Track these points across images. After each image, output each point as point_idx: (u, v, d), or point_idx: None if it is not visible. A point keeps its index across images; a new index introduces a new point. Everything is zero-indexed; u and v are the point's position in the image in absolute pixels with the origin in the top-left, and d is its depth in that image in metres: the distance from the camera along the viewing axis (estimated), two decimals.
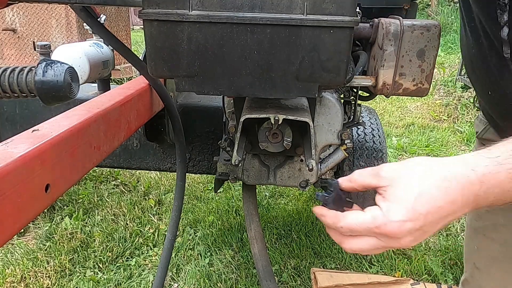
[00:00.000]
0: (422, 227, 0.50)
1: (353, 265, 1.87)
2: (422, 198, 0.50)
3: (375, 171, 0.55)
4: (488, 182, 0.48)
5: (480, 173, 0.49)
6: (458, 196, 0.49)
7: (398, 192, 0.51)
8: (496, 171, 0.48)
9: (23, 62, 4.10)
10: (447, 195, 0.49)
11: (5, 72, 0.66)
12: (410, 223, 0.49)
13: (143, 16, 0.70)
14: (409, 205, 0.50)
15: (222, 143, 1.07)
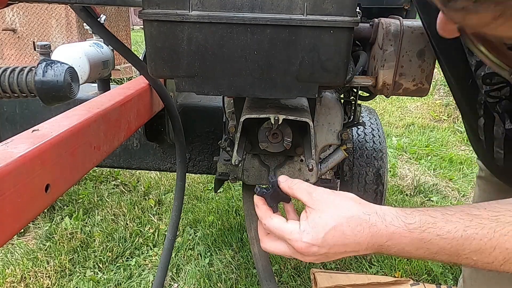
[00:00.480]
0: (325, 253, 0.59)
1: (353, 265, 1.87)
2: (334, 231, 0.57)
3: (310, 190, 0.63)
4: (394, 240, 0.56)
5: (390, 231, 0.56)
6: (365, 241, 0.57)
7: (317, 219, 0.58)
8: (403, 236, 0.55)
9: (23, 62, 4.10)
10: (356, 237, 0.57)
11: (5, 72, 0.66)
12: (316, 248, 0.58)
13: (143, 16, 0.70)
14: (321, 233, 0.57)
15: (222, 143, 1.07)
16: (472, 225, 0.53)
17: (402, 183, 2.65)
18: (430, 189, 2.60)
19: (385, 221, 0.56)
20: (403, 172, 2.79)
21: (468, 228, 0.53)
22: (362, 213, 0.58)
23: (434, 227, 0.54)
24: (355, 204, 0.60)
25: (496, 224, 0.52)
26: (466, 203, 2.46)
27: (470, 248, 0.53)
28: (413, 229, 0.55)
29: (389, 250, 0.57)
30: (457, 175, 2.79)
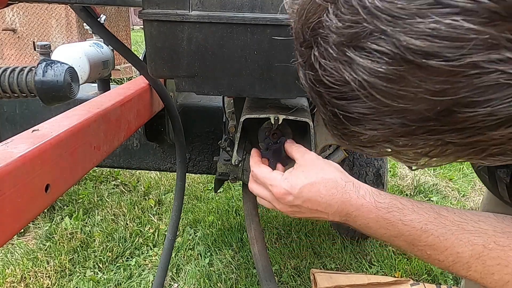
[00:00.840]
0: (298, 206, 0.64)
1: (353, 265, 1.87)
2: (311, 186, 0.62)
3: (304, 152, 0.71)
4: (361, 213, 0.60)
5: (360, 203, 0.60)
6: (335, 205, 0.61)
7: (300, 173, 0.65)
8: (370, 211, 0.59)
9: (23, 62, 4.10)
10: (329, 198, 0.61)
11: (5, 72, 0.66)
12: (291, 197, 0.63)
13: (143, 16, 0.70)
14: (299, 184, 0.63)
15: (222, 143, 1.06)
16: (434, 222, 0.56)
17: (402, 183, 2.65)
18: (430, 189, 2.60)
19: (358, 193, 0.61)
20: (403, 172, 2.79)
21: (429, 223, 0.56)
22: (340, 178, 0.63)
23: (400, 213, 0.57)
24: (337, 171, 0.65)
25: (456, 229, 0.54)
26: (466, 203, 2.46)
27: (426, 242, 0.56)
28: (381, 208, 0.58)
29: (355, 222, 0.61)
30: (457, 175, 2.79)
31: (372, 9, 0.28)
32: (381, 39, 0.29)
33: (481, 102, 0.28)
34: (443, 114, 0.30)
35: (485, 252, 0.52)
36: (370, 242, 2.03)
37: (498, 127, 0.29)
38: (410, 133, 0.33)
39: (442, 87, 0.28)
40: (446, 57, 0.27)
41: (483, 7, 0.25)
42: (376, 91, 0.31)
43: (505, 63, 0.26)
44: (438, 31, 0.26)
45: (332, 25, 0.31)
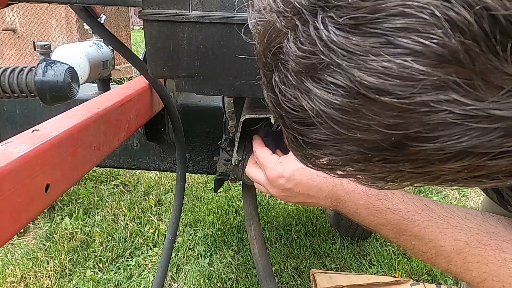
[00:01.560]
0: (290, 190, 0.66)
1: (353, 265, 1.87)
2: (303, 170, 0.64)
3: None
4: (351, 197, 0.61)
5: (351, 188, 0.61)
6: (326, 189, 0.63)
7: (292, 158, 0.66)
8: (361, 197, 0.61)
9: (23, 62, 4.10)
10: (320, 182, 0.63)
11: (5, 72, 0.66)
12: (283, 180, 0.66)
13: (143, 16, 0.70)
14: (292, 168, 0.65)
15: (222, 143, 1.06)
16: (421, 213, 0.57)
17: None
18: (430, 189, 2.60)
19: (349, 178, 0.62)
20: None
21: (417, 214, 0.57)
22: None
23: (389, 201, 0.59)
24: None
25: (442, 223, 0.56)
26: (466, 203, 2.46)
27: (412, 232, 0.57)
28: (371, 194, 0.60)
29: (345, 207, 0.62)
30: None
31: (328, 42, 0.29)
32: (336, 72, 0.29)
33: (430, 138, 0.29)
34: (396, 145, 0.31)
35: (467, 248, 0.53)
36: (370, 242, 2.03)
37: (447, 160, 0.31)
38: (366, 159, 0.34)
39: (394, 121, 0.29)
40: (397, 95, 0.28)
41: (430, 50, 0.26)
42: (332, 121, 0.31)
43: (452, 103, 0.27)
44: (390, 70, 0.27)
45: (291, 53, 0.32)
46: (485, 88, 0.26)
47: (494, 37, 0.24)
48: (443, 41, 0.25)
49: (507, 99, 0.26)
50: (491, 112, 0.27)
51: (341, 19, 0.28)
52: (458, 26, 0.24)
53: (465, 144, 0.29)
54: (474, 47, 0.25)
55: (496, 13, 0.24)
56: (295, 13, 0.31)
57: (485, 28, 0.24)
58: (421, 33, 0.26)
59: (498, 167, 0.31)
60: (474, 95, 0.27)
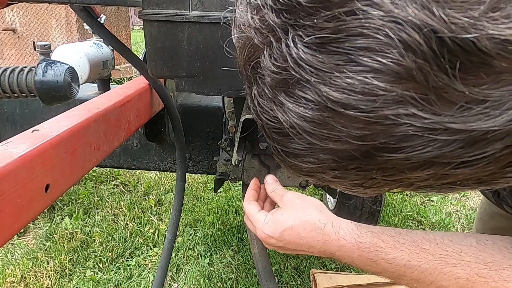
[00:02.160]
0: (282, 247, 0.67)
1: None
2: (290, 230, 0.64)
3: (282, 193, 0.73)
4: (344, 253, 0.61)
5: (341, 244, 0.61)
6: (317, 246, 0.63)
7: (279, 216, 0.67)
8: (352, 251, 0.60)
9: (23, 62, 4.10)
10: (309, 240, 0.63)
11: (5, 72, 0.66)
12: (274, 240, 0.66)
13: (143, 16, 0.70)
14: (279, 229, 0.65)
15: (222, 143, 1.06)
16: (417, 257, 0.57)
17: None
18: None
19: (338, 234, 0.62)
20: None
21: (412, 259, 0.57)
22: (319, 221, 0.64)
23: (381, 251, 0.58)
24: (316, 212, 0.66)
25: (439, 263, 0.55)
26: (466, 203, 2.46)
27: (411, 277, 0.57)
28: (362, 248, 0.60)
29: (341, 259, 0.62)
30: None
31: (297, 59, 0.30)
32: (306, 87, 0.31)
33: (396, 149, 0.31)
34: (366, 155, 0.33)
35: (469, 285, 0.53)
36: None
37: (414, 169, 0.32)
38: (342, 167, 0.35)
39: (362, 133, 0.31)
40: (361, 109, 0.29)
41: (388, 68, 0.27)
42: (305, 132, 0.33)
43: (411, 117, 0.29)
44: (353, 86, 0.29)
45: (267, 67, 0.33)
46: (439, 103, 0.28)
47: (443, 57, 0.26)
48: (398, 60, 0.27)
49: (461, 113, 0.28)
50: (447, 125, 0.28)
51: (308, 37, 0.30)
52: (410, 47, 0.26)
53: (428, 155, 0.30)
54: (426, 66, 0.26)
55: (443, 35, 0.25)
56: (270, 30, 0.32)
57: (434, 48, 0.26)
58: (379, 52, 0.27)
59: (464, 175, 0.32)
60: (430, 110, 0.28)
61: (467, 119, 0.28)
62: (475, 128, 0.28)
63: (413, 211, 2.31)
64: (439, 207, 2.39)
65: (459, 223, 2.25)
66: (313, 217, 0.65)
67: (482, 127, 0.28)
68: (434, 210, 2.35)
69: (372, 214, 1.82)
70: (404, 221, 2.21)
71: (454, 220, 2.28)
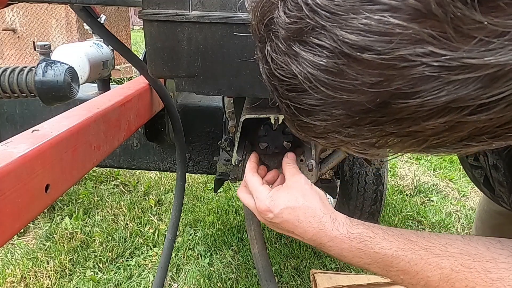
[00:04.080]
0: (276, 224, 0.68)
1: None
2: (291, 210, 0.66)
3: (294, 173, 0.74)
4: (334, 243, 0.63)
5: (334, 235, 0.63)
6: (311, 233, 0.64)
7: (284, 194, 0.68)
8: (343, 242, 0.62)
9: (23, 62, 4.10)
10: (305, 226, 0.65)
11: (5, 72, 0.66)
12: (272, 215, 0.67)
13: (143, 16, 0.70)
14: (281, 205, 0.67)
15: (222, 143, 1.06)
16: (404, 248, 0.58)
17: (402, 183, 2.65)
18: (430, 189, 2.60)
19: (333, 225, 0.64)
20: (403, 172, 2.79)
21: (400, 249, 0.58)
22: (319, 209, 0.66)
23: (371, 241, 0.60)
24: (319, 201, 0.68)
25: (425, 253, 0.56)
26: (466, 203, 2.46)
27: (398, 267, 0.58)
28: (353, 238, 0.61)
29: (329, 251, 0.64)
30: (457, 175, 2.79)
31: (313, 6, 0.31)
32: (321, 34, 0.31)
33: (411, 94, 0.31)
34: (381, 105, 0.32)
35: (453, 274, 0.54)
36: None
37: (430, 117, 0.32)
38: (355, 123, 0.35)
39: (377, 80, 0.31)
40: (377, 51, 0.29)
41: (406, 5, 0.27)
42: (320, 83, 0.33)
43: (428, 56, 0.28)
44: (369, 26, 0.29)
45: (281, 21, 0.34)
46: (457, 38, 0.27)
47: None
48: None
49: (479, 48, 0.27)
50: (465, 61, 0.28)
51: None
52: None
53: (444, 99, 0.30)
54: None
55: None
56: None
57: None
58: None
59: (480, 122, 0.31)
60: (448, 46, 0.28)
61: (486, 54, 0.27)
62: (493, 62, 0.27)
63: (413, 211, 2.31)
64: (439, 207, 2.39)
65: (459, 223, 2.25)
66: (315, 205, 0.66)
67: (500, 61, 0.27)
68: (434, 210, 2.35)
69: (372, 214, 1.82)
70: (404, 221, 2.21)
71: (454, 220, 2.28)
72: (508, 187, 0.64)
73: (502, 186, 0.66)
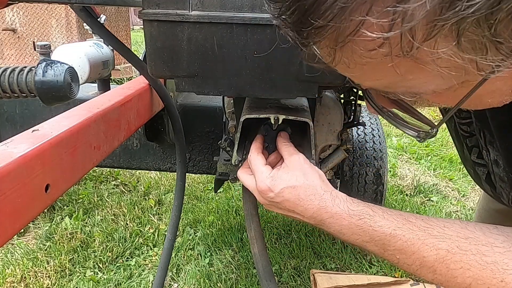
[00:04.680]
0: (277, 204, 0.69)
1: (353, 265, 1.87)
2: (291, 189, 0.67)
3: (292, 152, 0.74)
4: (335, 220, 0.64)
5: (334, 211, 0.64)
6: (311, 210, 0.65)
7: (285, 174, 0.69)
8: (343, 218, 0.63)
9: (23, 62, 4.10)
10: (306, 203, 0.66)
11: (5, 72, 0.66)
12: (272, 194, 0.68)
13: (143, 16, 0.70)
14: (281, 185, 0.67)
15: (222, 143, 1.06)
16: (402, 227, 0.59)
17: (402, 183, 2.65)
18: (430, 189, 2.60)
19: (334, 202, 0.65)
20: (403, 172, 2.79)
21: (398, 229, 0.59)
22: (320, 187, 0.67)
23: (370, 219, 0.61)
24: (319, 179, 0.69)
25: (422, 234, 0.57)
26: (466, 203, 2.46)
27: (395, 246, 0.59)
28: (353, 215, 0.62)
29: (329, 228, 0.65)
30: (457, 175, 2.79)
31: None
32: None
33: None
34: None
35: (449, 256, 0.55)
36: None
37: None
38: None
39: None
40: None
41: None
42: None
43: None
44: None
45: None
46: None
47: None
48: None
49: None
50: None
51: None
52: None
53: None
54: None
55: None
56: None
57: None
58: None
59: None
60: None
61: None
62: None
63: (413, 211, 2.31)
64: (439, 207, 2.39)
65: None
66: (316, 183, 0.67)
67: None
68: (434, 210, 2.35)
69: None
70: None
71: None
72: (509, 182, 0.65)
73: (503, 182, 0.66)
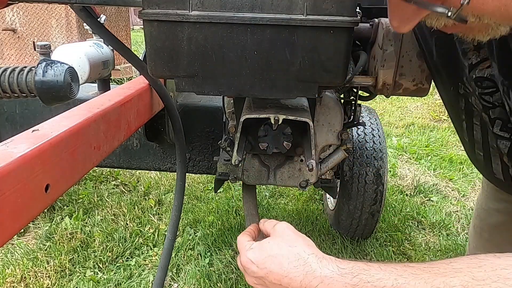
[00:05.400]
0: (262, 278, 0.64)
1: None
2: (274, 258, 0.63)
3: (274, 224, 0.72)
4: (326, 284, 0.58)
5: (323, 274, 0.58)
6: (298, 279, 0.60)
7: (266, 244, 0.66)
8: (336, 280, 0.57)
9: (23, 62, 4.10)
10: (291, 271, 0.60)
11: (5, 72, 0.66)
12: (255, 267, 0.64)
13: (143, 16, 0.70)
14: (263, 255, 0.64)
15: (222, 143, 1.06)
16: (404, 274, 0.53)
17: (402, 183, 2.65)
18: (430, 189, 2.60)
19: (320, 263, 0.60)
20: (403, 172, 2.79)
21: (400, 277, 0.53)
22: (303, 251, 0.62)
23: (366, 274, 0.55)
24: (303, 244, 0.64)
25: (428, 276, 0.52)
26: (466, 203, 2.46)
27: None
28: (345, 274, 0.57)
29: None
30: (457, 175, 2.79)
31: None
32: None
33: None
34: None
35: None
36: (370, 242, 2.03)
37: None
38: None
39: None
40: None
41: None
42: None
43: None
44: None
45: None
46: None
47: None
48: None
49: None
50: None
51: None
52: None
53: None
54: None
55: None
56: None
57: None
58: None
59: None
60: None
61: None
62: None
63: (413, 211, 2.31)
64: (439, 207, 2.39)
65: (459, 223, 2.25)
66: (299, 248, 0.63)
67: None
68: (434, 210, 2.35)
69: (372, 214, 1.82)
70: (404, 221, 2.21)
71: (454, 220, 2.28)
72: None
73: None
